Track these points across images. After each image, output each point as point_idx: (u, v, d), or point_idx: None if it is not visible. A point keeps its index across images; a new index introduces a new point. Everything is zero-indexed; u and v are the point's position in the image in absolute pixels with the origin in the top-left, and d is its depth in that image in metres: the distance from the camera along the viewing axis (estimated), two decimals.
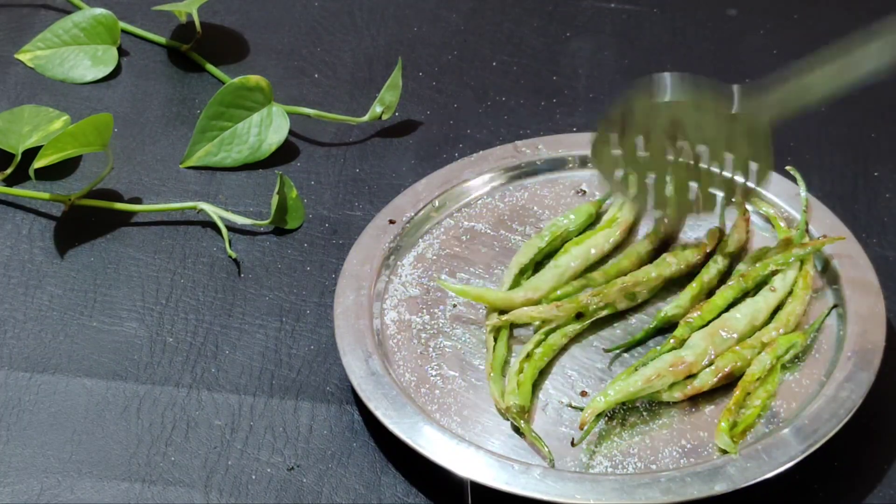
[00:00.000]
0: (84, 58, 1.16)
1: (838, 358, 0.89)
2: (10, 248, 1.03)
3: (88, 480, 0.88)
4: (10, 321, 0.98)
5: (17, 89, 1.15)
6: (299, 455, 0.90)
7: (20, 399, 0.93)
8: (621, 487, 0.83)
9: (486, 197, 1.03)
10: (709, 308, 0.92)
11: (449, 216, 1.01)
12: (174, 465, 0.89)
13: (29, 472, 0.89)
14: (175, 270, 1.01)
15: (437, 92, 1.15)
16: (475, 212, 1.02)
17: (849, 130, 1.11)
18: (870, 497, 0.87)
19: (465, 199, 1.02)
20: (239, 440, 0.90)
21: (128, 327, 0.97)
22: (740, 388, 0.87)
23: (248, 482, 0.88)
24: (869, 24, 1.21)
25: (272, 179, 1.07)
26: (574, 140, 1.05)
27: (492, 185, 1.03)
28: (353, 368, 0.90)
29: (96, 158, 1.08)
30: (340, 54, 1.18)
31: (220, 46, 1.18)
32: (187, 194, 1.06)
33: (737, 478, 0.83)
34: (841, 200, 1.04)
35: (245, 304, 0.99)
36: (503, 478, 0.84)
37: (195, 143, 1.08)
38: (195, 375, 0.94)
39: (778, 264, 0.93)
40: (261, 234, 1.04)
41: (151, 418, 0.92)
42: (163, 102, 1.14)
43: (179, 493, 0.88)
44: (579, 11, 1.22)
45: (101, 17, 1.16)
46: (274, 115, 1.09)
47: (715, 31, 1.20)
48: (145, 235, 1.03)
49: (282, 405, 0.92)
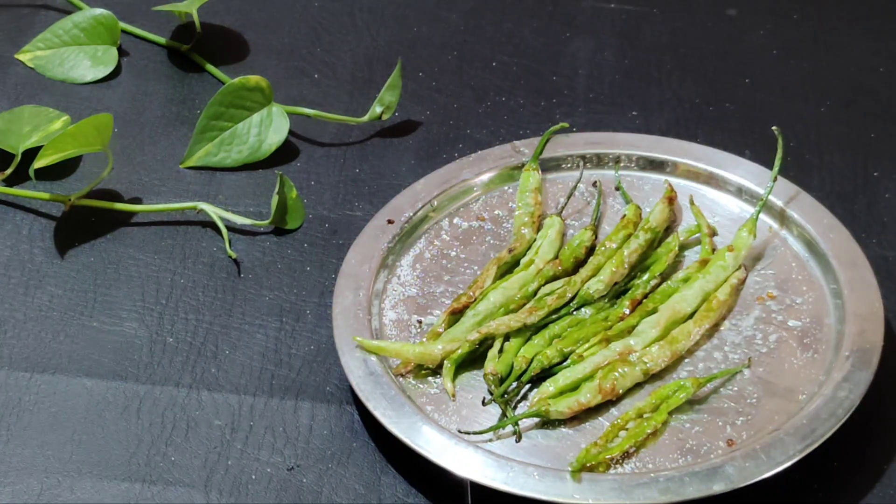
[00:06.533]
0: (84, 58, 1.16)
1: (837, 357, 0.89)
2: (10, 248, 1.03)
3: (88, 480, 0.88)
4: (10, 321, 0.98)
5: (17, 89, 1.15)
6: (299, 455, 0.90)
7: (20, 399, 0.93)
8: (620, 487, 0.83)
9: (484, 197, 1.03)
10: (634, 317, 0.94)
11: (447, 216, 1.01)
12: (174, 465, 0.89)
13: (29, 472, 0.89)
14: (175, 270, 1.01)
15: (436, 92, 1.15)
16: (473, 212, 1.02)
17: (849, 130, 1.11)
18: (869, 496, 0.87)
19: (464, 200, 1.02)
20: (239, 440, 0.90)
21: (128, 327, 0.97)
22: (612, 426, 0.87)
23: (248, 482, 0.88)
24: (869, 24, 1.21)
25: (272, 179, 1.07)
26: (573, 140, 1.05)
27: (490, 185, 1.03)
28: (351, 368, 0.90)
29: (96, 158, 1.08)
30: (340, 54, 1.18)
31: (220, 46, 1.19)
32: (187, 194, 1.07)
33: (735, 477, 0.83)
34: (841, 200, 1.04)
35: (245, 304, 0.99)
36: (501, 477, 0.84)
37: (195, 143, 1.09)
38: (195, 375, 0.94)
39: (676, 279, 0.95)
40: (261, 234, 1.04)
41: (151, 418, 0.92)
42: (163, 102, 1.14)
43: (179, 493, 0.88)
44: (579, 11, 1.22)
45: (101, 17, 1.16)
46: (274, 115, 1.09)
47: (715, 31, 1.20)
48: (145, 235, 1.04)
49: (282, 405, 0.92)
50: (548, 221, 0.99)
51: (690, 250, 0.99)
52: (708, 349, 0.92)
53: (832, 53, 1.18)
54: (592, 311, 0.94)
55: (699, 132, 1.10)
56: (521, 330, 0.92)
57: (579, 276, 0.95)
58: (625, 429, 0.87)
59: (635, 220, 0.99)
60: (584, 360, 0.90)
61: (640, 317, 0.93)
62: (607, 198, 1.02)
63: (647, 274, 0.96)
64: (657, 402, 0.88)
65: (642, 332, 0.92)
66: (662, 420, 0.87)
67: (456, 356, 0.91)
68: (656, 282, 0.96)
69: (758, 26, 1.21)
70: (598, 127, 1.11)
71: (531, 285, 0.95)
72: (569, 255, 0.97)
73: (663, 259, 0.96)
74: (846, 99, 1.13)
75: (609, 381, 0.88)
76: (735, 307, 0.95)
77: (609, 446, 0.86)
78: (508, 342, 0.92)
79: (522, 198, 1.01)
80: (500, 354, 0.91)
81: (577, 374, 0.89)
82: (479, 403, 0.89)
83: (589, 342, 0.92)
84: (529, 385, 0.91)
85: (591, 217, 1.01)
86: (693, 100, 1.14)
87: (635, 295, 0.95)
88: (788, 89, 1.14)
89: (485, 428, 0.87)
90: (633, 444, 0.86)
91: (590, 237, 0.98)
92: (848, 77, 1.16)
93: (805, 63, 1.17)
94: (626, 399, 0.89)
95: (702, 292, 0.94)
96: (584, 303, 0.94)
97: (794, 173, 1.04)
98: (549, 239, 0.98)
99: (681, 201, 1.01)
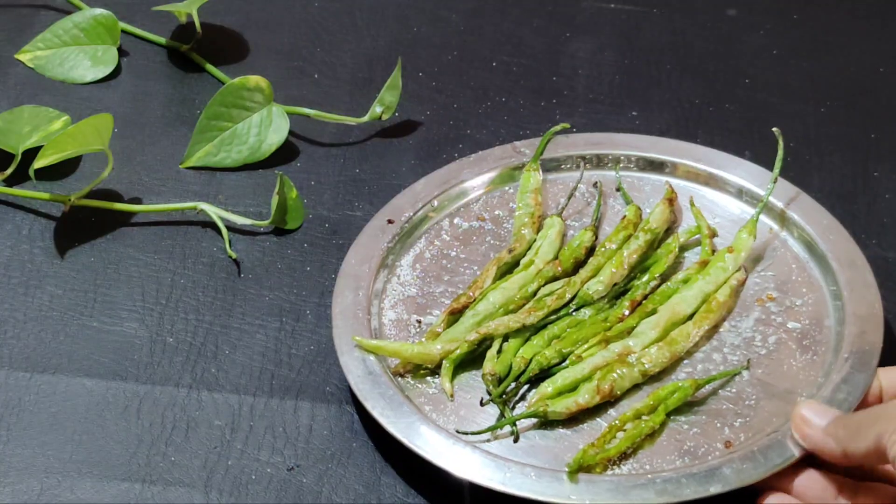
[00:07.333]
0: (84, 58, 1.16)
1: (836, 359, 0.89)
2: (10, 249, 1.03)
3: (88, 480, 0.88)
4: (10, 321, 0.98)
5: (17, 89, 1.15)
6: (299, 455, 0.90)
7: (20, 399, 0.93)
8: (617, 488, 0.83)
9: (484, 197, 1.03)
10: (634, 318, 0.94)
11: (448, 216, 1.02)
12: (174, 465, 0.89)
13: (29, 472, 0.89)
14: (175, 270, 1.01)
15: (436, 92, 1.15)
16: (474, 212, 1.02)
17: (849, 130, 1.11)
18: None
19: (464, 200, 1.02)
20: (239, 440, 0.90)
21: (128, 327, 0.97)
22: (609, 428, 0.87)
23: (248, 482, 0.88)
24: (869, 24, 1.21)
25: (272, 179, 1.07)
26: (573, 141, 1.05)
27: (491, 185, 1.03)
28: (350, 368, 0.90)
29: (96, 158, 1.08)
30: (340, 54, 1.18)
31: (220, 46, 1.19)
32: (187, 194, 1.07)
33: (732, 479, 0.83)
34: (840, 200, 1.04)
35: (245, 304, 0.99)
36: (499, 478, 0.84)
37: (195, 144, 1.09)
38: (195, 375, 0.94)
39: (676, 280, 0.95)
40: (261, 234, 1.04)
41: (151, 418, 0.92)
42: (163, 102, 1.14)
43: (179, 493, 0.88)
44: (579, 11, 1.22)
45: (101, 17, 1.16)
46: (274, 115, 1.09)
47: (715, 31, 1.20)
48: (145, 235, 1.04)
49: (282, 405, 0.92)
50: (548, 222, 0.99)
51: (690, 251, 0.99)
52: (707, 350, 0.92)
53: (832, 53, 1.18)
54: (592, 311, 0.94)
55: (699, 132, 1.10)
56: (520, 330, 0.92)
57: (579, 277, 0.95)
58: (622, 430, 0.87)
59: (635, 221, 0.99)
60: (582, 360, 0.90)
61: (640, 318, 0.93)
62: (608, 199, 1.02)
63: (647, 275, 0.96)
64: (655, 404, 0.88)
65: (641, 333, 0.92)
66: (660, 421, 0.87)
67: (454, 356, 0.91)
68: (656, 283, 0.96)
69: (758, 26, 1.21)
70: (598, 127, 1.11)
71: (531, 286, 0.95)
72: (569, 256, 0.97)
73: (663, 260, 0.97)
74: (846, 99, 1.13)
75: (607, 381, 0.88)
76: (735, 308, 0.95)
77: (606, 447, 0.86)
78: (507, 342, 0.92)
79: (523, 198, 1.01)
80: (499, 355, 0.91)
81: (575, 375, 0.89)
82: (477, 404, 0.89)
83: (588, 343, 0.92)
84: (528, 386, 0.91)
85: (591, 218, 1.01)
86: (693, 100, 1.14)
87: (635, 296, 0.95)
88: (788, 89, 1.15)
89: (482, 428, 0.87)
90: (631, 446, 0.86)
91: (590, 238, 0.98)
92: (848, 77, 1.16)
93: (805, 63, 1.17)
94: (625, 400, 0.89)
95: (701, 293, 0.94)
96: (584, 303, 0.94)
97: (794, 173, 1.04)
98: (550, 239, 0.98)
99: (681, 202, 1.01)
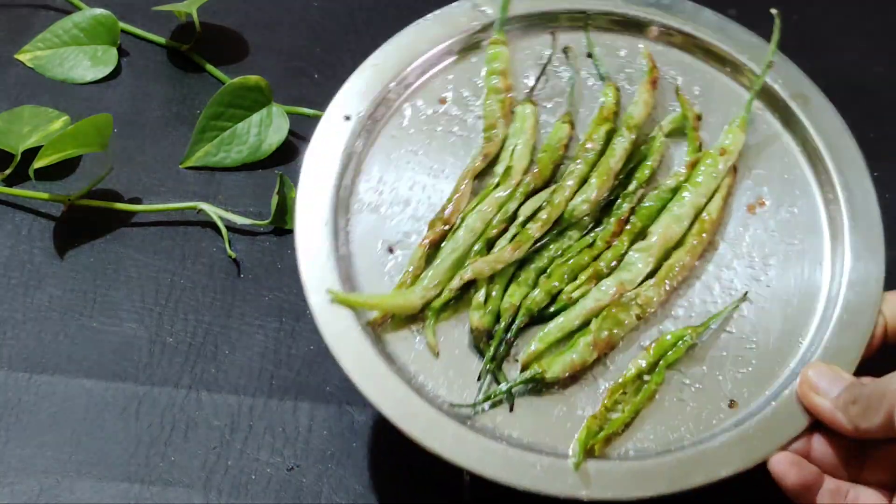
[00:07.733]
0: (84, 58, 1.16)
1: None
2: (10, 248, 1.03)
3: (88, 480, 0.88)
4: (10, 321, 0.98)
5: (17, 89, 1.15)
6: (299, 455, 0.90)
7: (20, 399, 0.93)
8: (627, 478, 0.81)
9: (445, 74, 0.97)
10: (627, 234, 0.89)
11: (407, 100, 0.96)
12: (174, 465, 0.89)
13: (29, 472, 0.89)
14: (175, 271, 1.01)
15: None
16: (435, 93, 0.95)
17: None
18: None
19: (424, 77, 0.97)
20: (238, 440, 0.90)
21: (128, 327, 0.97)
22: (608, 396, 0.84)
23: (247, 482, 0.88)
24: (869, 24, 1.21)
25: (272, 179, 1.07)
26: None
27: (451, 59, 0.97)
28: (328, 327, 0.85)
29: (96, 158, 1.08)
30: (340, 54, 1.18)
31: (220, 46, 1.18)
32: (187, 194, 1.07)
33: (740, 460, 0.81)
34: None
35: (245, 304, 0.99)
36: (502, 470, 0.81)
37: (195, 144, 1.09)
38: (195, 376, 0.94)
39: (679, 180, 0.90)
40: (261, 234, 1.04)
41: (151, 419, 0.92)
42: (163, 102, 1.14)
43: (179, 494, 0.88)
44: None
45: (101, 17, 1.16)
46: (274, 115, 1.09)
47: None
48: (145, 236, 1.04)
49: (281, 405, 0.92)
50: (519, 111, 0.93)
51: (675, 143, 0.93)
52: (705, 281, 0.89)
53: (832, 53, 1.18)
54: (577, 233, 0.89)
55: None
56: (505, 269, 0.87)
57: (561, 194, 0.89)
58: (624, 391, 0.84)
59: (615, 110, 0.92)
60: (574, 303, 0.86)
61: (629, 239, 0.88)
62: (580, 70, 0.95)
63: (634, 182, 0.90)
64: (655, 359, 0.85)
65: (633, 264, 0.87)
66: (661, 380, 0.84)
67: (437, 304, 0.86)
68: (643, 190, 0.90)
69: (758, 26, 1.20)
70: None
71: (510, 204, 0.89)
72: (547, 161, 0.90)
73: (649, 164, 0.91)
74: (845, 99, 1.13)
75: (603, 330, 0.85)
76: (728, 220, 0.91)
77: (610, 417, 0.83)
78: (493, 283, 0.87)
79: (490, 81, 0.94)
80: (485, 302, 0.86)
81: (568, 326, 0.85)
82: (464, 358, 0.85)
83: (578, 279, 0.87)
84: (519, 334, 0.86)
85: (566, 102, 0.93)
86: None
87: (622, 211, 0.89)
88: None
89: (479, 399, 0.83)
90: (634, 412, 0.83)
91: (567, 132, 0.91)
92: (848, 77, 1.15)
93: (805, 63, 1.17)
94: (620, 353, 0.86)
95: (693, 209, 0.89)
96: (569, 225, 0.89)
97: None
98: (525, 136, 0.91)
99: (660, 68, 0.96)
